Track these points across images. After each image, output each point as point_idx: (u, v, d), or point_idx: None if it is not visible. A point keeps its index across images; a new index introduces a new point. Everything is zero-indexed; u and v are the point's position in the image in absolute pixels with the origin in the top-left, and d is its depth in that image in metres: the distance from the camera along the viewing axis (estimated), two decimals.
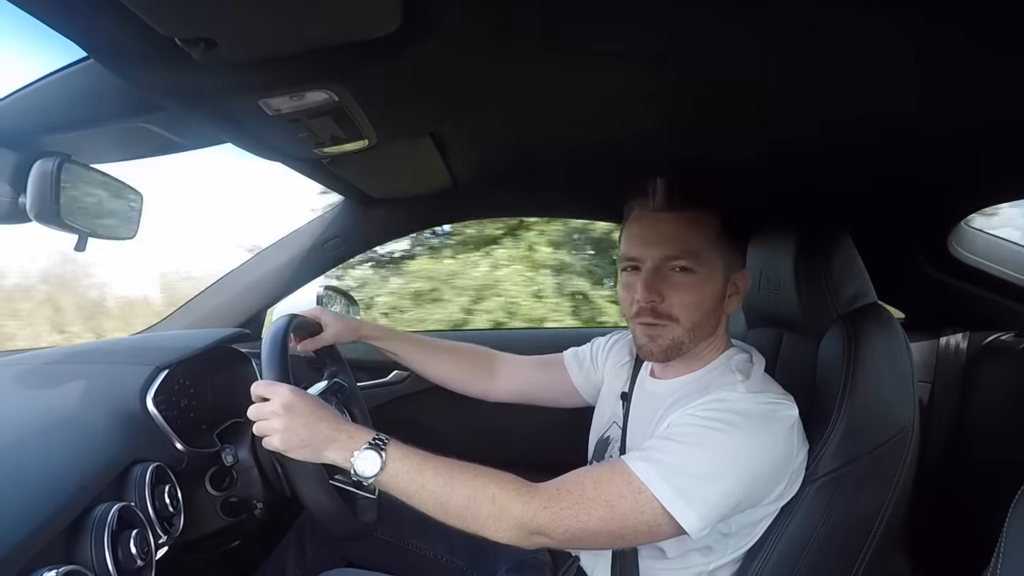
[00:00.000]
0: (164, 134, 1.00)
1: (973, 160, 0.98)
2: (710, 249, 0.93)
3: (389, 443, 0.87)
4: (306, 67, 0.70)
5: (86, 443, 0.89)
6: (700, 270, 0.92)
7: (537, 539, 0.83)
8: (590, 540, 0.85)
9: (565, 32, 0.70)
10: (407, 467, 0.85)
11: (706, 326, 0.96)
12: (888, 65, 0.71)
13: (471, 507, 0.83)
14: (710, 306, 0.95)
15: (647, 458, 0.84)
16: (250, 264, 1.65)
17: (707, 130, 0.99)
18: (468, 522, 0.84)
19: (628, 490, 0.82)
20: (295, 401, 0.88)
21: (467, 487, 0.84)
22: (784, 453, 0.87)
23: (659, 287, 0.93)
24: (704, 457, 0.83)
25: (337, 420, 0.90)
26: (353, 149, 0.98)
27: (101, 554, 0.72)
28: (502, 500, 0.83)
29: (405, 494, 0.85)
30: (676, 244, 0.92)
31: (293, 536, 1.26)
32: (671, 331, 0.94)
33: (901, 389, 0.98)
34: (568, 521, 0.82)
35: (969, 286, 1.51)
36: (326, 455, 0.87)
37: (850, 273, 1.07)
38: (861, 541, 0.94)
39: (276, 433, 0.87)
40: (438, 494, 0.84)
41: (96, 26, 0.63)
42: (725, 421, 0.84)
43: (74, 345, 1.23)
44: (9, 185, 0.97)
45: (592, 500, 0.82)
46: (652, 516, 0.82)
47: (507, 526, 0.83)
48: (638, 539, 0.87)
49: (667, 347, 0.95)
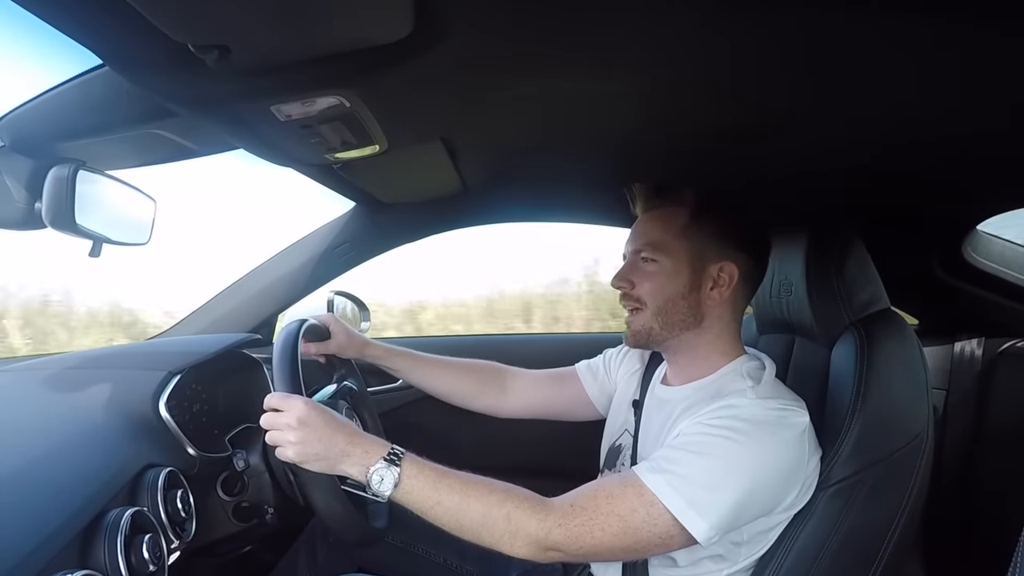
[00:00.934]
0: (177, 140, 1.01)
1: (992, 165, 0.97)
2: (674, 238, 1.00)
3: (404, 457, 0.87)
4: (317, 73, 0.70)
5: (99, 448, 0.89)
6: (663, 259, 1.00)
7: (552, 555, 0.84)
8: (604, 555, 0.87)
9: (575, 37, 0.70)
10: (422, 484, 0.85)
11: (676, 313, 0.99)
12: (910, 70, 0.70)
13: (486, 524, 0.84)
14: (675, 292, 0.99)
15: (658, 469, 0.84)
16: (261, 269, 1.66)
17: (720, 134, 0.98)
18: (483, 538, 0.85)
19: (640, 503, 0.83)
20: (310, 415, 0.89)
21: (482, 504, 0.84)
22: (795, 460, 0.87)
23: (630, 276, 1.03)
24: (714, 466, 0.83)
25: (352, 433, 0.90)
26: (364, 154, 0.98)
27: (114, 559, 0.72)
28: (517, 518, 0.83)
29: (420, 509, 0.86)
30: (643, 238, 1.03)
31: (304, 541, 1.26)
32: (641, 316, 1.02)
33: (915, 396, 0.97)
34: (583, 538, 0.82)
35: (984, 292, 1.50)
36: (341, 469, 0.87)
37: (863, 279, 1.07)
38: (875, 549, 0.93)
39: (290, 446, 0.87)
40: (453, 511, 0.85)
41: (111, 33, 0.64)
42: (734, 429, 0.84)
43: (86, 350, 1.24)
44: (26, 191, 0.98)
45: (606, 515, 0.83)
46: (664, 528, 0.82)
47: (522, 543, 0.83)
48: (651, 551, 0.87)
49: (637, 331, 1.03)
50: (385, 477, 0.85)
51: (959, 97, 0.76)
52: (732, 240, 1.01)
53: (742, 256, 1.01)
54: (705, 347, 1.01)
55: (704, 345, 1.01)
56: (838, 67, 0.71)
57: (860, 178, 1.08)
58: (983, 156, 0.94)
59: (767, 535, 0.93)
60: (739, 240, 1.01)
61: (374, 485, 0.85)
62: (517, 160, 1.28)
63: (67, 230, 0.97)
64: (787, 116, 0.88)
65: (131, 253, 1.18)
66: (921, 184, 1.09)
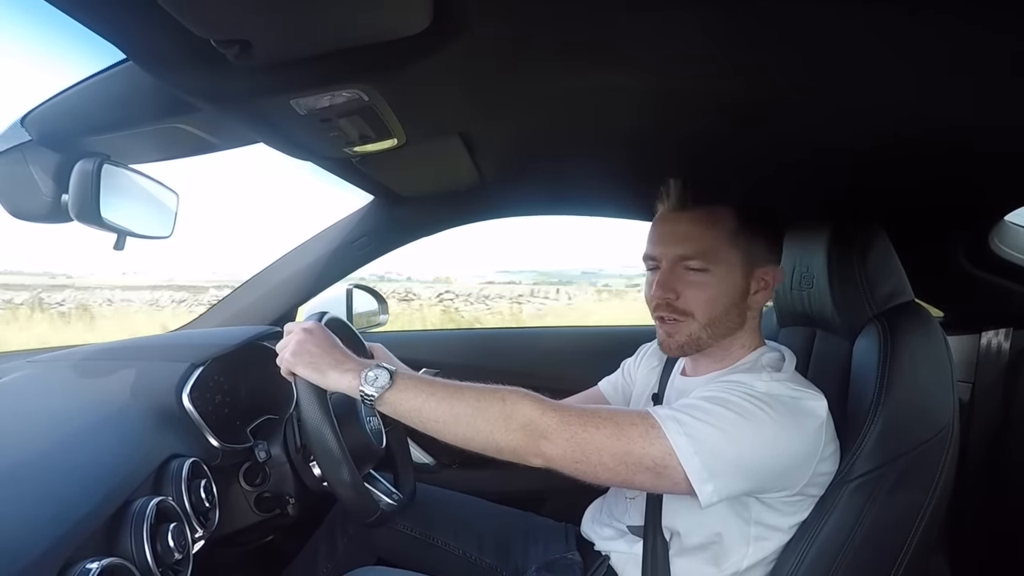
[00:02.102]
0: (199, 134, 1.02)
1: (1021, 156, 0.95)
2: (725, 245, 0.94)
3: (398, 370, 0.87)
4: (336, 67, 0.71)
5: (124, 438, 0.91)
6: (715, 268, 0.94)
7: (542, 445, 0.81)
8: (593, 457, 0.81)
9: (594, 32, 0.70)
10: (415, 383, 0.86)
11: (725, 322, 0.96)
12: (938, 64, 0.69)
13: (481, 407, 0.83)
14: (729, 302, 0.95)
15: (667, 407, 0.85)
16: (280, 263, 1.67)
17: (739, 128, 0.97)
18: (479, 422, 0.82)
19: (641, 421, 0.83)
20: (315, 327, 0.92)
21: (476, 391, 0.85)
22: (809, 445, 0.86)
23: (674, 285, 0.95)
24: (724, 416, 0.82)
25: (349, 354, 0.92)
26: (382, 148, 0.99)
27: (141, 547, 0.74)
28: (512, 399, 0.83)
29: (414, 406, 0.85)
30: (689, 243, 0.94)
31: (324, 531, 1.28)
32: (688, 327, 0.96)
33: (940, 389, 0.96)
34: (574, 427, 0.81)
35: (1011, 283, 1.47)
36: (331, 375, 0.87)
37: (886, 270, 1.05)
38: (899, 543, 0.92)
39: (288, 348, 0.90)
40: (447, 400, 0.84)
41: (135, 29, 0.65)
42: (750, 395, 0.85)
43: (111, 342, 1.26)
44: (53, 184, 1.00)
45: (604, 419, 0.82)
46: (659, 452, 0.80)
47: (516, 425, 0.81)
48: (641, 474, 0.82)
49: (684, 343, 0.97)
50: (380, 376, 0.85)
51: (977, 90, 0.75)
52: (776, 243, 1.00)
53: (779, 256, 1.01)
54: (735, 343, 1.00)
55: (735, 341, 1.00)
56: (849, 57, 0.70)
57: (881, 169, 1.07)
58: (1007, 151, 0.93)
59: (778, 521, 0.92)
60: (780, 241, 1.01)
61: (367, 383, 0.84)
62: (535, 154, 1.28)
63: (92, 223, 0.99)
64: (801, 107, 0.88)
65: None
66: (942, 175, 1.07)
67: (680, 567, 0.96)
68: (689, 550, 0.95)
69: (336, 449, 0.90)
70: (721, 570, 0.94)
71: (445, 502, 1.32)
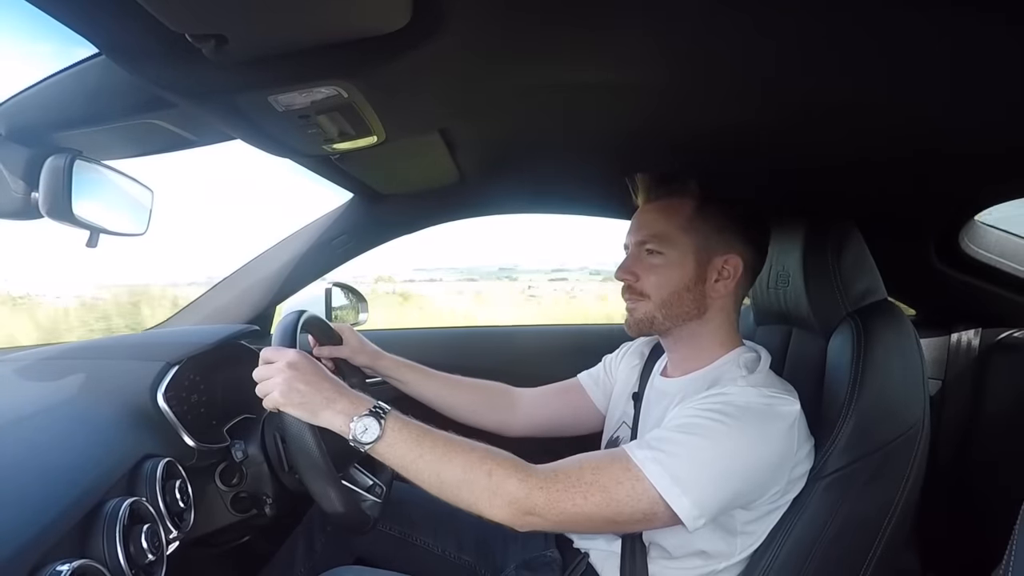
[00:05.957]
0: (174, 130, 1.01)
1: (990, 156, 0.97)
2: (679, 231, 0.99)
3: (389, 413, 0.87)
4: (315, 63, 0.70)
5: (98, 438, 0.89)
6: (669, 251, 1.00)
7: (530, 519, 0.83)
8: (584, 524, 0.84)
9: (574, 29, 0.70)
10: (405, 437, 0.85)
11: (680, 305, 1.00)
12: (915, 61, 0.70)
13: (467, 480, 0.83)
14: (681, 285, 0.99)
15: (646, 446, 0.85)
16: (259, 261, 1.66)
17: (715, 127, 0.98)
18: (463, 495, 0.84)
19: (626, 477, 0.83)
20: (300, 360, 0.89)
21: (464, 459, 0.84)
22: (782, 449, 0.88)
23: (634, 268, 1.03)
24: (702, 446, 0.83)
25: (339, 385, 0.90)
26: (362, 145, 0.98)
27: (113, 549, 0.72)
28: (499, 475, 0.83)
29: (402, 463, 0.85)
30: (647, 229, 1.02)
31: (302, 531, 1.26)
32: (644, 306, 1.02)
33: (911, 386, 0.97)
34: (564, 503, 0.82)
35: (981, 282, 1.50)
36: (323, 415, 0.86)
37: (860, 269, 1.07)
38: (870, 539, 0.94)
39: (276, 388, 0.87)
40: (435, 465, 0.84)
41: (108, 23, 0.64)
42: (723, 413, 0.85)
43: (84, 341, 1.23)
44: (22, 181, 0.97)
45: (589, 485, 0.83)
46: (648, 504, 0.82)
47: (502, 502, 0.82)
48: (634, 526, 0.87)
49: (639, 320, 1.03)
50: (369, 427, 0.84)
51: (951, 90, 0.76)
52: (737, 232, 1.01)
53: (747, 248, 1.02)
54: (706, 337, 1.02)
55: (706, 335, 1.02)
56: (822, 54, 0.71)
57: (854, 169, 1.08)
58: (977, 150, 0.95)
59: (761, 525, 0.93)
60: (744, 232, 1.02)
61: (357, 434, 0.84)
62: (515, 152, 1.28)
63: (64, 220, 0.97)
64: (784, 110, 0.89)
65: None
66: (913, 174, 1.09)
67: (659, 568, 0.97)
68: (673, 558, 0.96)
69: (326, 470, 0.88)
70: (698, 570, 0.95)
71: (424, 501, 1.32)
